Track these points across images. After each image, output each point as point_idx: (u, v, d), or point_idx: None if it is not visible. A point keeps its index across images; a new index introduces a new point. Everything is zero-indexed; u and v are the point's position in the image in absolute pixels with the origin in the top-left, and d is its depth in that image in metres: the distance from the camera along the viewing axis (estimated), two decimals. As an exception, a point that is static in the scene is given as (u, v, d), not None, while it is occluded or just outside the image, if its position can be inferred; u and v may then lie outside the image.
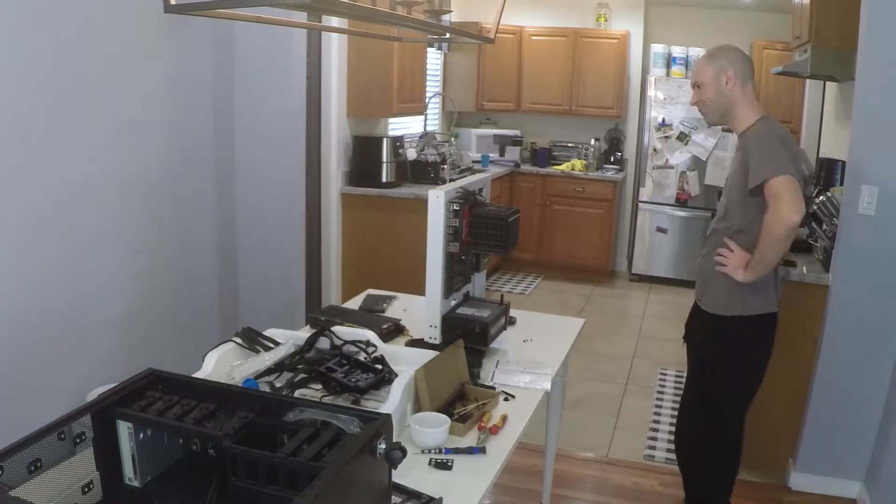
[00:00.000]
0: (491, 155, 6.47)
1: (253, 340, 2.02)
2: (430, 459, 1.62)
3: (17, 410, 2.40)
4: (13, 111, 2.38)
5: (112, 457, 1.27)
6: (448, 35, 2.42)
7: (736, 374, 2.48)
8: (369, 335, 2.11)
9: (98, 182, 2.77)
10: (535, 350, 2.32)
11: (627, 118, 6.55)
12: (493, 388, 2.00)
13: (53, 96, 2.53)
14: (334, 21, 3.58)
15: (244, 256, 3.71)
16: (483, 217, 2.16)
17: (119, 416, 1.26)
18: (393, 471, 1.25)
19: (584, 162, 6.43)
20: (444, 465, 1.60)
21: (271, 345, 2.00)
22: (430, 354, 1.90)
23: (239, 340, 2.03)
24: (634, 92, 6.49)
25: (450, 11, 2.16)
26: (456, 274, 2.23)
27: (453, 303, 2.19)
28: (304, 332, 2.12)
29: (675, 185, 6.14)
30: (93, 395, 2.06)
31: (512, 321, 2.52)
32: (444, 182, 4.69)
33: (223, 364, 1.93)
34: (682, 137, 6.06)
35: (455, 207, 2.11)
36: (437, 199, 2.04)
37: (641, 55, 6.44)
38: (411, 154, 5.06)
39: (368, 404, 1.78)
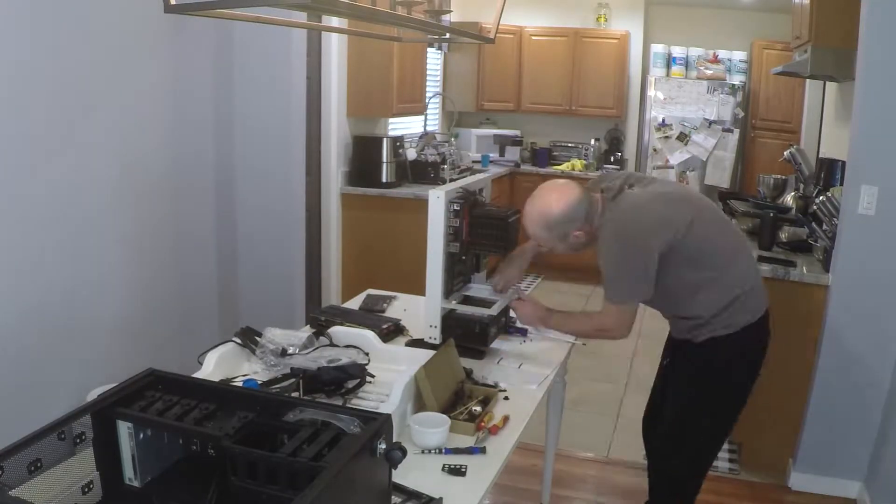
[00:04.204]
0: (491, 155, 6.46)
1: (251, 340, 2.02)
2: (444, 465, 1.61)
3: (17, 410, 2.40)
4: (13, 111, 2.38)
5: (112, 457, 1.27)
6: (448, 35, 2.42)
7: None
8: (369, 335, 2.11)
9: (98, 182, 2.77)
10: (535, 350, 2.32)
11: (627, 118, 6.55)
12: (493, 385, 2.00)
13: (53, 97, 2.53)
14: (334, 21, 3.58)
15: (244, 256, 3.71)
16: (483, 217, 2.16)
17: (119, 416, 1.26)
18: (393, 471, 1.25)
19: (584, 162, 6.43)
20: (458, 472, 1.59)
21: (270, 345, 2.00)
22: (430, 354, 1.90)
23: (238, 340, 2.03)
24: (634, 92, 6.49)
25: (450, 11, 2.17)
26: (456, 274, 2.23)
27: (453, 303, 2.19)
28: (305, 332, 2.12)
29: (675, 185, 6.14)
30: (93, 395, 2.06)
31: (512, 321, 2.52)
32: (444, 182, 4.69)
33: (223, 364, 1.94)
34: (682, 137, 6.06)
35: (455, 207, 2.11)
36: (437, 199, 2.04)
37: (641, 55, 6.44)
38: (411, 154, 5.06)
39: (368, 404, 1.78)
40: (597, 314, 2.11)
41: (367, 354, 2.03)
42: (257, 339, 2.03)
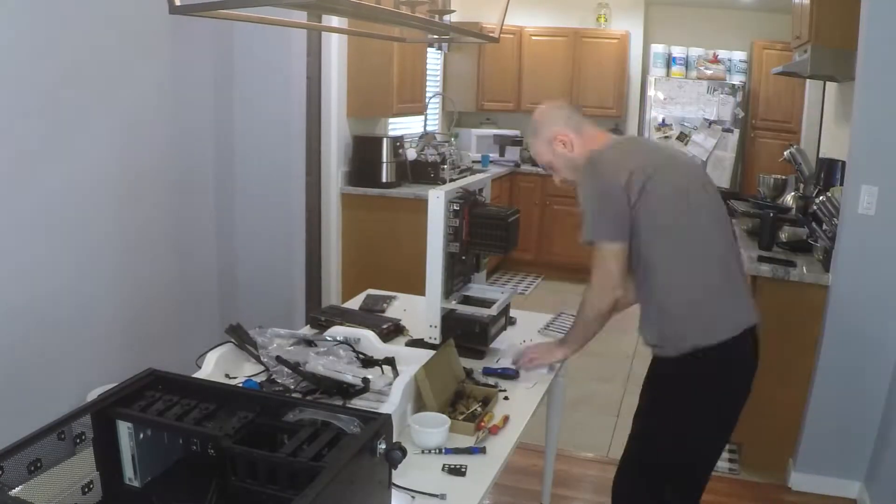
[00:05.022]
0: (491, 155, 6.46)
1: (246, 339, 2.01)
2: (444, 465, 1.61)
3: (17, 410, 2.40)
4: (13, 112, 2.38)
5: (112, 457, 1.27)
6: (450, 35, 2.42)
7: (666, 434, 1.96)
8: (369, 335, 2.11)
9: (98, 182, 2.77)
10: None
11: (627, 118, 6.55)
12: (493, 385, 2.00)
13: (53, 97, 2.53)
14: (334, 21, 3.58)
15: (244, 256, 3.71)
16: (483, 217, 2.16)
17: (119, 416, 1.26)
18: (393, 471, 1.25)
19: (584, 162, 6.42)
20: (458, 472, 1.59)
21: (258, 338, 1.99)
22: (429, 354, 1.90)
23: (234, 340, 2.02)
24: (634, 92, 6.49)
25: (452, 11, 2.16)
26: (456, 274, 2.24)
27: (453, 303, 2.19)
28: (304, 332, 2.12)
29: (675, 185, 6.13)
30: (93, 395, 2.06)
31: (512, 321, 2.52)
32: (444, 182, 4.69)
33: (222, 365, 1.94)
34: (682, 137, 6.06)
35: (455, 207, 2.11)
36: (437, 199, 2.04)
37: (641, 55, 6.44)
38: (411, 154, 5.06)
39: (368, 404, 1.78)
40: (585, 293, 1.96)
41: (388, 365, 2.02)
42: (255, 339, 2.02)
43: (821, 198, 3.29)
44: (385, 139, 4.71)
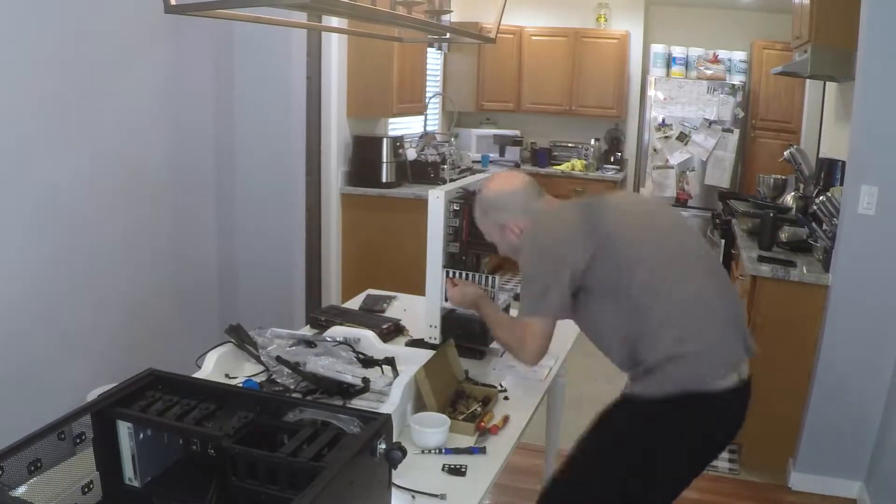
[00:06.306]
0: (491, 155, 6.46)
1: (246, 339, 2.01)
2: (444, 465, 1.61)
3: (17, 410, 2.40)
4: (13, 111, 2.38)
5: (112, 457, 1.27)
6: (448, 35, 2.42)
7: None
8: (369, 335, 2.11)
9: (97, 182, 2.77)
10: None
11: (627, 118, 6.55)
12: (493, 386, 2.00)
13: (53, 97, 2.53)
14: (334, 21, 3.58)
15: (244, 256, 3.71)
16: (483, 217, 2.16)
17: (119, 416, 1.26)
18: (393, 471, 1.25)
19: (584, 162, 6.42)
20: (458, 472, 1.59)
21: (258, 338, 1.99)
22: (429, 354, 1.90)
23: (233, 340, 2.02)
24: (634, 92, 6.49)
25: (450, 11, 2.16)
26: (456, 274, 2.23)
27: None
28: (304, 332, 2.12)
29: (675, 185, 6.14)
30: (93, 395, 2.06)
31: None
32: (444, 182, 4.69)
33: (222, 365, 1.94)
34: (682, 137, 6.06)
35: (455, 207, 2.11)
36: (437, 199, 2.04)
37: (641, 55, 6.44)
38: (411, 154, 5.06)
39: (368, 404, 1.78)
40: (518, 325, 1.81)
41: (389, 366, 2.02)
42: (255, 339, 2.02)
43: (821, 198, 3.29)
44: (385, 139, 4.71)
